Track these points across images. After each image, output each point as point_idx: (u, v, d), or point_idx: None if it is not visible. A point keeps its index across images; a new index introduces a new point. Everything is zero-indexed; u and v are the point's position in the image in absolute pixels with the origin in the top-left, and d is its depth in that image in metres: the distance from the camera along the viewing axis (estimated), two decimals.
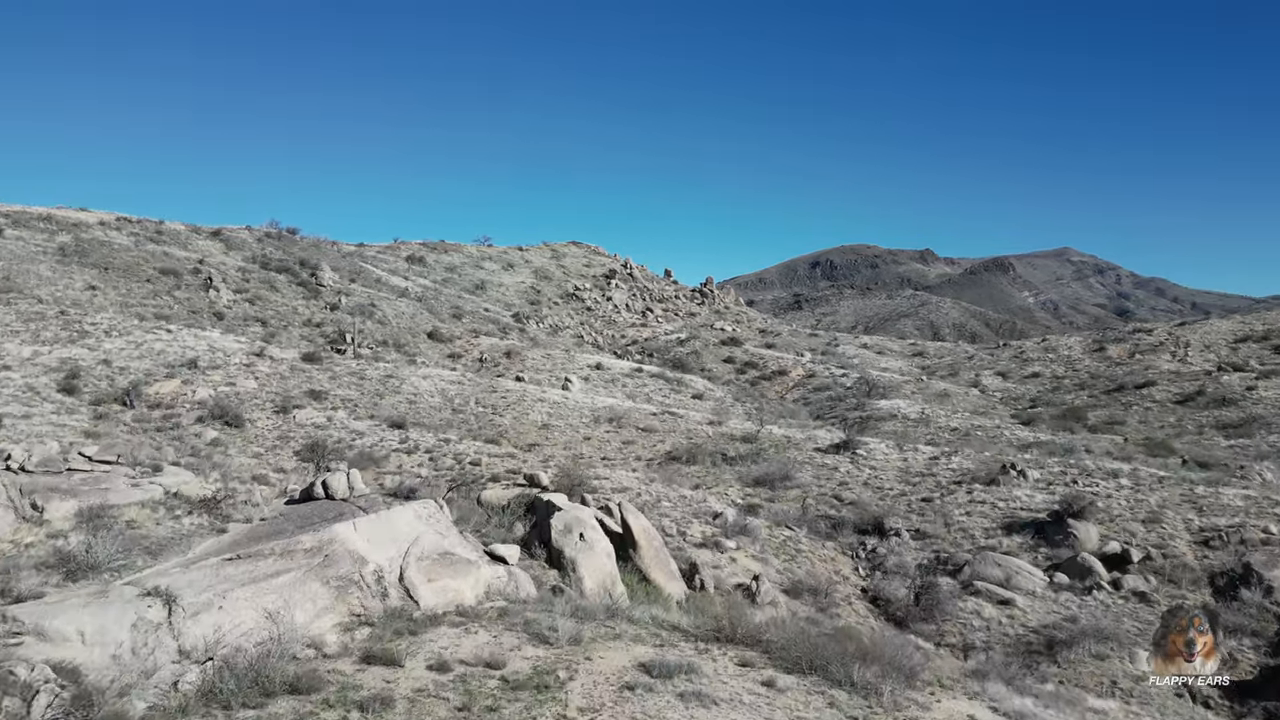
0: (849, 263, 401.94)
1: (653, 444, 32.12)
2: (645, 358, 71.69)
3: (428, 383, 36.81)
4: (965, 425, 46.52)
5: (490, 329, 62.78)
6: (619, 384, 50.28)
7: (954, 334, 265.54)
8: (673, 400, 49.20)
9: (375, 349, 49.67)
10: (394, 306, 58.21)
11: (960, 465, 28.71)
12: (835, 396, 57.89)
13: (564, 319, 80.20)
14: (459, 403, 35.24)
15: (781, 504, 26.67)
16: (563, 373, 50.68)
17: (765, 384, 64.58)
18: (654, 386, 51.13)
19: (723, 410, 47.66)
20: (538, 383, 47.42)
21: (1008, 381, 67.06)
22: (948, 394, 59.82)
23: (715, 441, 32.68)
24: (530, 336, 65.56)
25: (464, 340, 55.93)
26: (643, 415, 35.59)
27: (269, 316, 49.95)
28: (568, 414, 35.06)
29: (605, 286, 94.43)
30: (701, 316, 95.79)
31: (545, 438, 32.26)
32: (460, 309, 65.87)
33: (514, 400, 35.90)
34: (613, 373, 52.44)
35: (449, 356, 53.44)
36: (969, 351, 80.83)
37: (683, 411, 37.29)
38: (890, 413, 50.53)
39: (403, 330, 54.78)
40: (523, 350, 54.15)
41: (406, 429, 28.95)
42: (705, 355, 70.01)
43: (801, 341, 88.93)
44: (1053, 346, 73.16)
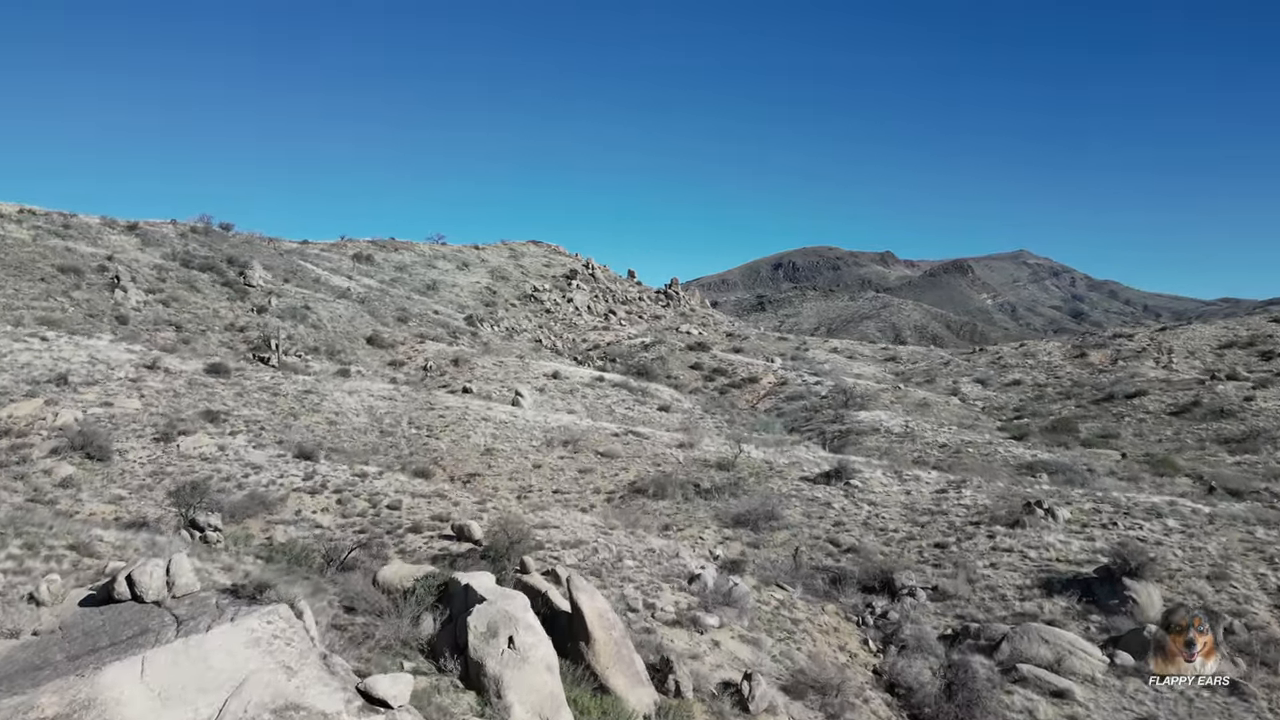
0: (811, 264, 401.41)
1: (614, 473, 27.36)
2: (608, 363, 66.92)
3: (354, 399, 31.64)
4: (954, 441, 42.48)
5: (439, 333, 57.50)
6: (578, 395, 45.41)
7: (916, 336, 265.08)
8: (637, 413, 44.48)
9: (305, 356, 44.23)
10: (331, 309, 52.69)
11: (974, 500, 24.39)
12: (811, 407, 53.66)
13: (521, 322, 75.07)
14: (389, 423, 30.13)
15: (769, 550, 22.09)
16: (516, 382, 45.70)
17: (735, 392, 60.16)
18: (616, 397, 46.36)
19: (692, 425, 43.05)
20: (487, 395, 42.40)
21: (988, 389, 63.48)
22: (928, 404, 55.93)
23: (686, 469, 28.03)
24: (483, 341, 60.39)
25: (408, 346, 50.63)
26: (603, 436, 30.81)
27: (185, 320, 44.23)
28: (516, 435, 30.14)
29: (566, 288, 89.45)
30: (667, 319, 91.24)
31: (488, 466, 27.34)
32: (407, 311, 60.46)
33: (454, 419, 30.87)
34: (571, 382, 47.57)
35: (390, 364, 48.15)
36: (944, 356, 77.33)
37: (648, 431, 32.59)
38: (872, 426, 46.36)
39: (339, 335, 49.33)
40: (472, 357, 49.01)
41: (317, 459, 23.82)
42: (671, 361, 65.41)
43: (770, 346, 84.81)
44: (1031, 352, 69.86)
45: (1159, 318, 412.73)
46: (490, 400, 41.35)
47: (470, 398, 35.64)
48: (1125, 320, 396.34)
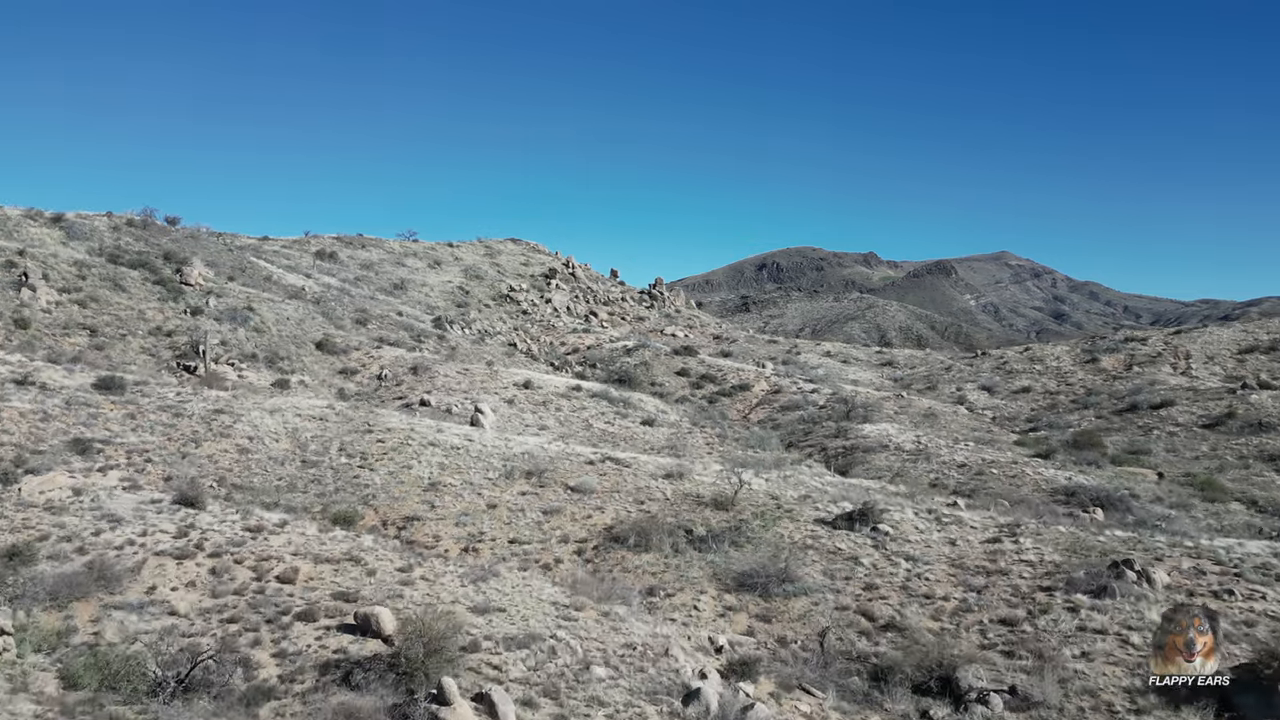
0: (795, 265, 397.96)
1: (587, 514, 22.05)
2: (587, 369, 61.61)
3: (276, 419, 26.12)
4: (974, 460, 37.48)
5: (400, 337, 51.97)
6: (551, 408, 40.06)
7: (900, 337, 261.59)
8: (618, 428, 39.19)
9: (240, 364, 38.63)
10: (278, 310, 47.03)
11: (1038, 552, 19.27)
12: (809, 418, 48.56)
13: (495, 324, 69.61)
14: (315, 450, 24.66)
15: (784, 625, 16.90)
16: (482, 393, 40.29)
17: (725, 401, 55.00)
18: (594, 410, 41.04)
19: (680, 442, 37.82)
20: (447, 408, 36.97)
21: (996, 397, 58.70)
22: (935, 414, 51.01)
23: (675, 507, 22.77)
24: (450, 345, 54.91)
25: (363, 352, 45.07)
26: (575, 465, 25.47)
27: (102, 324, 38.52)
28: (470, 465, 24.76)
29: (544, 287, 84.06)
30: (651, 321, 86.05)
31: (430, 506, 21.95)
32: (367, 313, 54.87)
33: (395, 444, 25.44)
34: (545, 392, 42.21)
35: (340, 373, 42.60)
36: (944, 361, 72.57)
37: (630, 456, 27.29)
38: (879, 441, 41.28)
39: (284, 339, 43.71)
40: (434, 365, 43.52)
41: (203, 505, 18.33)
42: (656, 367, 60.17)
43: (760, 349, 79.80)
44: (1038, 357, 65.16)
45: (1139, 319, 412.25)
46: (450, 415, 35.94)
47: (419, 416, 30.15)
48: (1106, 321, 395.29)
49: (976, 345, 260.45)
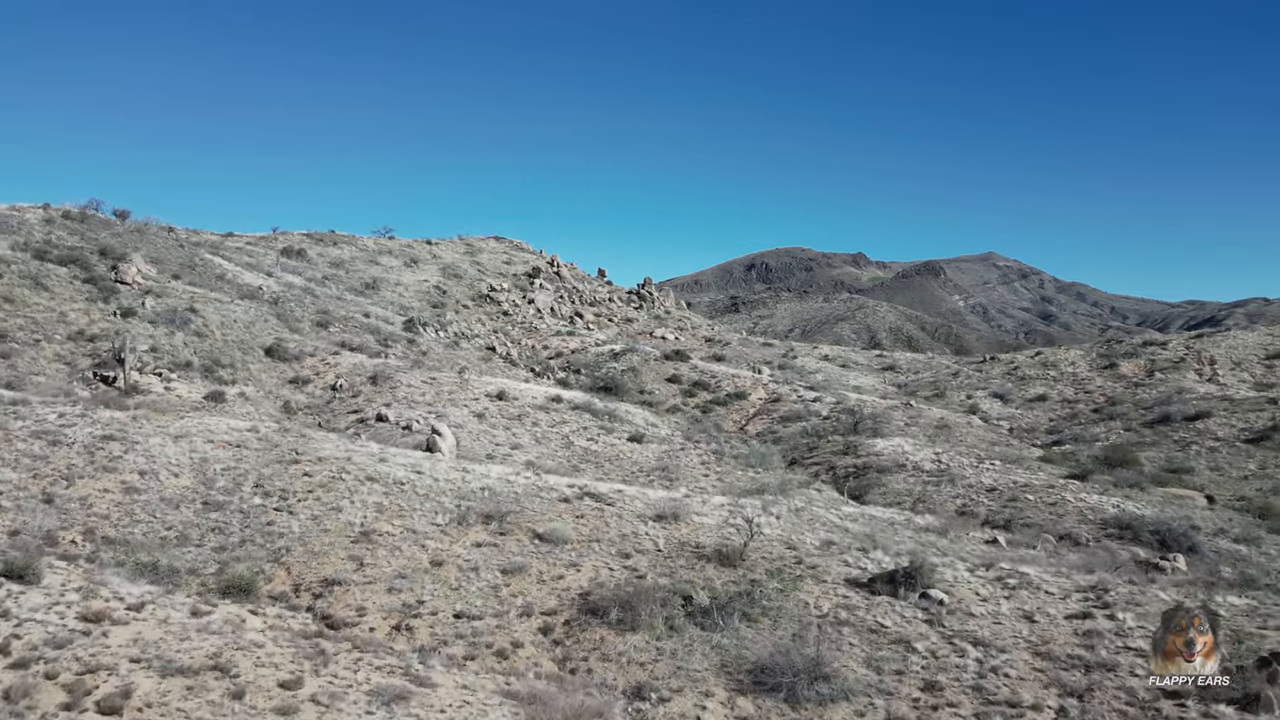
0: (784, 265, 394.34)
1: (558, 573, 17.29)
2: (571, 375, 56.82)
3: (181, 447, 21.23)
4: (1003, 482, 32.93)
5: (365, 341, 47.04)
6: (527, 423, 35.27)
7: (891, 338, 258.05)
8: (602, 446, 34.46)
9: (171, 374, 33.66)
10: (225, 312, 42.00)
11: (1145, 632, 14.66)
12: (813, 431, 43.91)
13: (473, 326, 64.72)
14: (224, 487, 19.79)
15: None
16: (450, 405, 35.49)
17: (720, 411, 50.33)
18: (576, 425, 36.29)
19: (673, 463, 33.12)
20: (407, 425, 32.13)
21: (1010, 406, 54.27)
22: (948, 425, 46.51)
23: (670, 562, 18.05)
24: (421, 350, 50.02)
25: (318, 359, 40.12)
26: (546, 503, 20.71)
27: (13, 327, 33.48)
28: (415, 505, 19.95)
29: (527, 287, 79.20)
30: (639, 323, 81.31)
31: (359, 564, 17.15)
32: (329, 315, 49.89)
33: (326, 478, 20.60)
34: (521, 404, 37.42)
35: (290, 382, 37.67)
36: (950, 366, 68.17)
37: (613, 490, 22.53)
38: (895, 459, 36.69)
39: (229, 345, 38.72)
40: (397, 373, 38.64)
41: (34, 579, 13.47)
42: (645, 373, 55.45)
43: (754, 353, 75.21)
44: (1051, 362, 60.82)
45: (1125, 319, 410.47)
46: (409, 432, 31.11)
47: (362, 441, 25.27)
48: (1093, 322, 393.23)
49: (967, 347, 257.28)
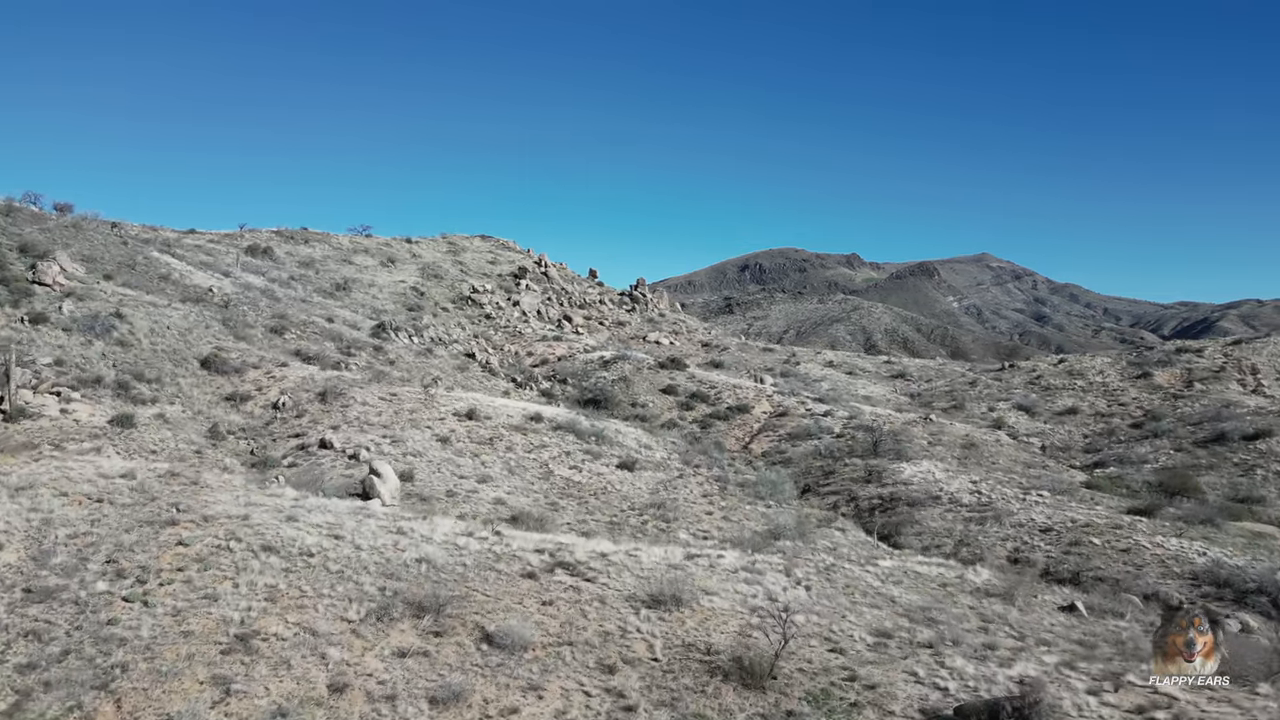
0: (778, 266, 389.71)
1: (510, 704, 11.92)
2: (557, 385, 51.46)
3: (19, 503, 15.79)
4: (1058, 520, 27.70)
5: (324, 349, 41.58)
6: (499, 449, 29.90)
7: (886, 340, 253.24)
8: (587, 475, 29.11)
9: (75, 391, 28.14)
10: (159, 317, 36.53)
11: None
12: (826, 451, 38.65)
13: (452, 330, 59.27)
14: (63, 564, 14.37)
15: None
16: (410, 428, 30.12)
17: (721, 426, 45.03)
18: (557, 449, 30.95)
19: (670, 496, 27.80)
20: (354, 454, 26.72)
21: (1038, 420, 49.15)
22: (974, 444, 41.34)
23: (671, 680, 12.71)
24: (388, 359, 44.58)
25: (263, 371, 34.67)
26: (502, 581, 15.36)
27: None
28: (323, 590, 14.55)
29: (513, 288, 73.79)
30: (632, 326, 75.98)
31: (224, 692, 11.71)
32: (286, 319, 44.40)
33: (206, 549, 15.19)
34: (494, 425, 32.07)
35: (225, 399, 32.22)
36: (966, 374, 63.00)
37: (595, 556, 17.19)
38: (926, 489, 31.45)
39: (158, 355, 33.26)
40: (352, 388, 33.23)
41: None
42: (637, 383, 50.13)
43: (754, 359, 69.96)
44: (1078, 370, 55.74)
45: (1119, 321, 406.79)
46: (355, 462, 25.72)
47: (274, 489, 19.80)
48: (1087, 323, 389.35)
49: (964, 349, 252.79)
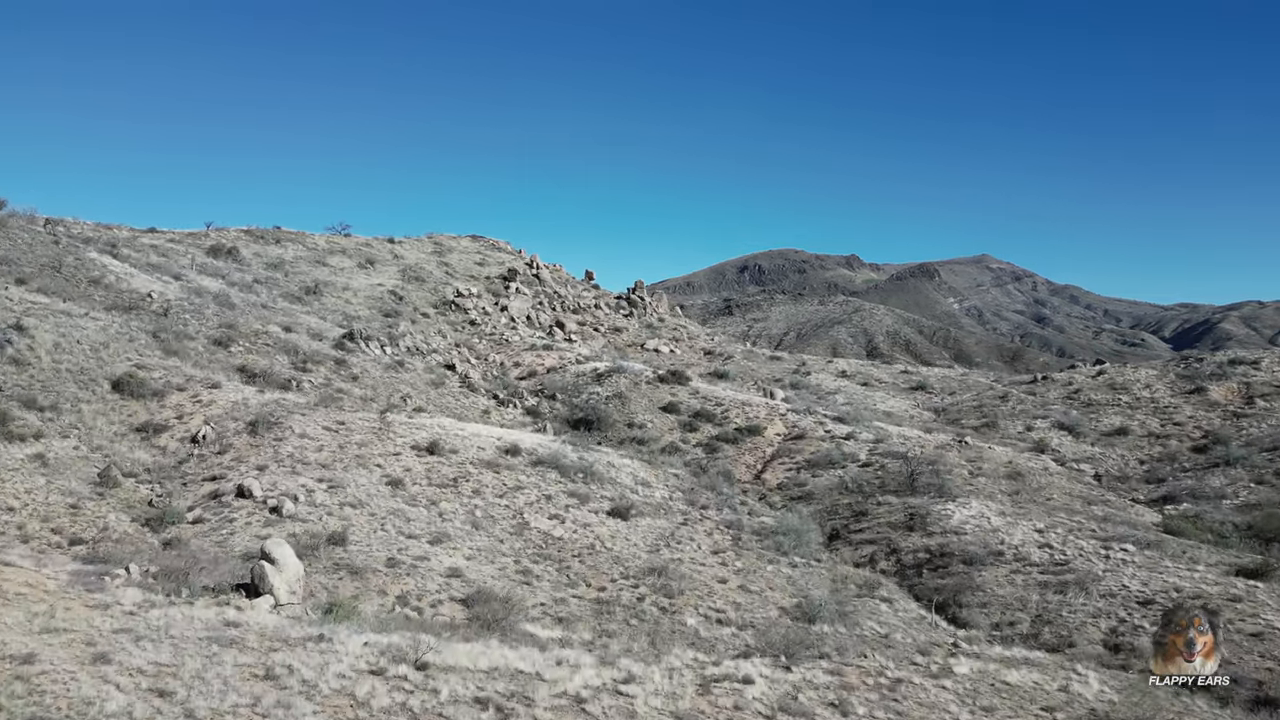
0: (777, 267, 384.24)
1: None
2: (545, 402, 45.75)
3: None
4: (1156, 586, 22.03)
5: (274, 364, 35.88)
6: (464, 493, 24.18)
7: (889, 342, 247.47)
8: (572, 528, 23.43)
9: None
10: (71, 329, 30.79)
11: None
12: (853, 484, 32.93)
13: (431, 339, 53.54)
14: None
15: None
16: (356, 468, 24.42)
17: (729, 450, 39.31)
18: (536, 491, 25.25)
19: (673, 556, 22.10)
20: (275, 505, 20.99)
21: (1083, 441, 43.47)
22: (1019, 473, 35.67)
23: None
24: (351, 374, 38.87)
25: (189, 394, 28.92)
26: None
27: None
28: None
29: (501, 292, 68.08)
30: (629, 333, 70.27)
31: None
32: (235, 329, 38.66)
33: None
34: (460, 459, 26.38)
35: (136, 430, 26.45)
36: (994, 387, 57.31)
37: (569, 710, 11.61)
38: (983, 540, 25.74)
39: (61, 376, 27.53)
40: (291, 416, 27.46)
41: None
42: (634, 400, 44.42)
43: (761, 368, 64.26)
44: (1120, 384, 50.10)
45: (1119, 322, 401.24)
46: (279, 517, 20.01)
47: (95, 602, 14.02)
48: (1088, 325, 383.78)
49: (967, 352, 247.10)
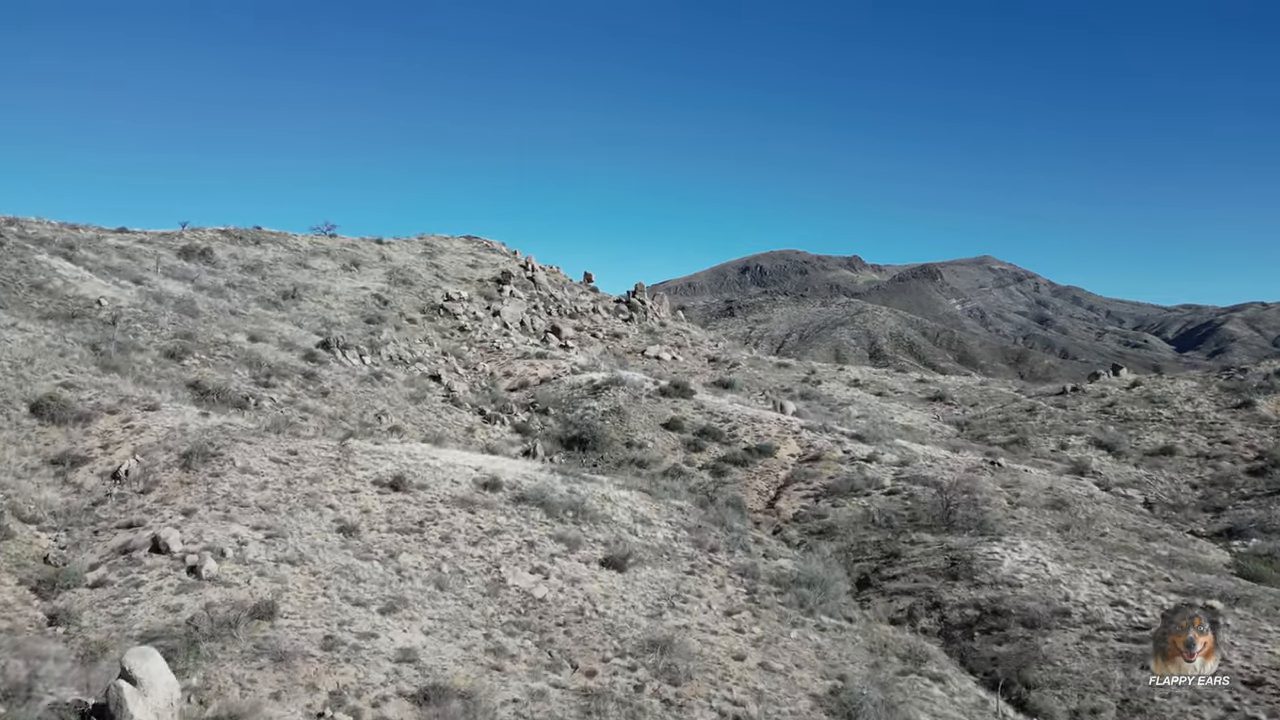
0: (778, 268, 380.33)
1: None
2: (536, 417, 41.83)
3: None
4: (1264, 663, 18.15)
5: (232, 379, 31.98)
6: (430, 540, 20.28)
7: (892, 344, 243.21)
8: (557, 584, 19.51)
9: None
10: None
11: None
12: (882, 519, 28.96)
13: (416, 346, 49.66)
14: None
15: None
16: (303, 510, 20.54)
17: (737, 474, 35.35)
18: (516, 538, 21.33)
19: (679, 629, 18.16)
20: (193, 565, 17.09)
21: (1125, 462, 39.48)
22: (1063, 502, 31.70)
23: None
24: (321, 388, 34.97)
25: (121, 416, 24.98)
26: None
27: None
28: None
29: (494, 295, 64.17)
30: (629, 339, 66.35)
31: None
32: (193, 339, 34.76)
33: None
34: (429, 496, 22.48)
35: (53, 462, 22.46)
36: (1018, 398, 53.31)
37: None
38: (1043, 596, 21.76)
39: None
40: (233, 446, 23.51)
41: None
42: (633, 416, 40.49)
43: (769, 376, 60.30)
44: (1157, 396, 46.10)
45: (1122, 324, 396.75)
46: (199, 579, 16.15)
47: None
48: (1090, 326, 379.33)
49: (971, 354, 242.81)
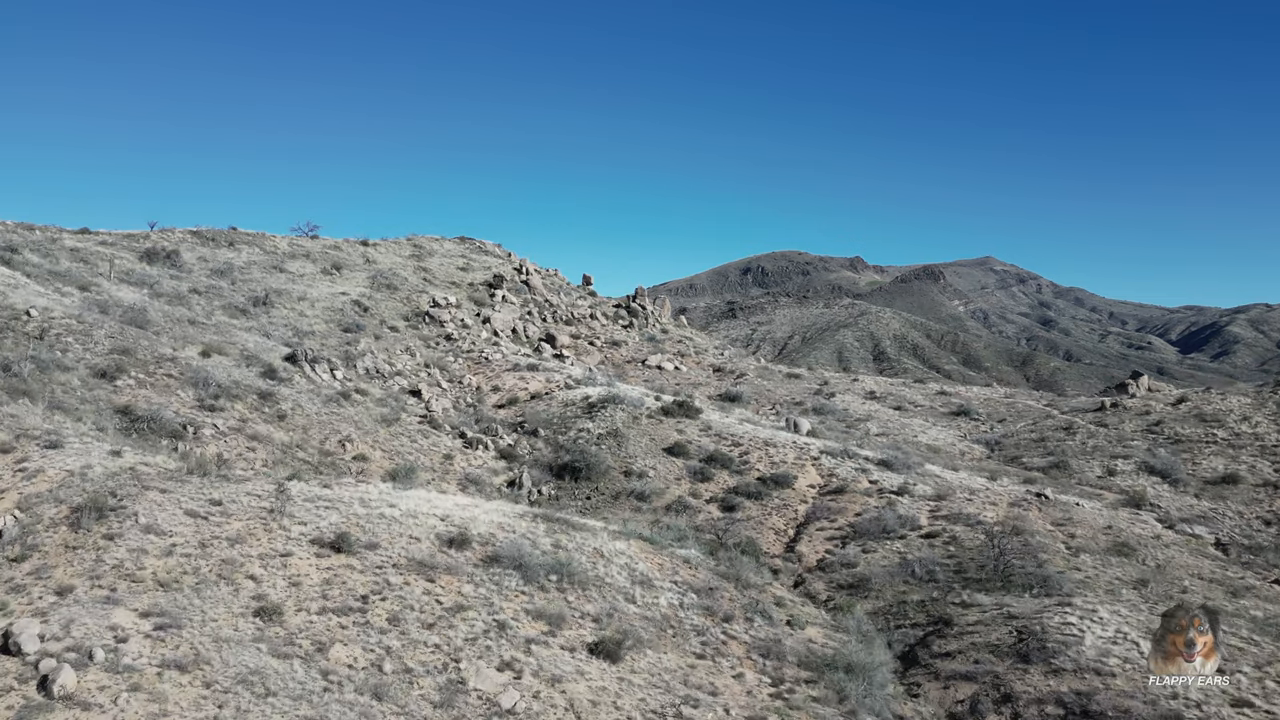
0: (780, 269, 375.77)
1: None
2: (524, 440, 37.38)
3: None
4: None
5: (169, 403, 27.54)
6: (369, 632, 15.80)
7: (895, 346, 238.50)
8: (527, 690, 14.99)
9: None
10: None
11: None
12: (925, 574, 24.50)
13: (396, 358, 45.21)
14: None
15: None
16: (215, 582, 16.12)
17: (750, 508, 30.87)
18: (484, 618, 16.86)
19: None
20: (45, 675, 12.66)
21: (1184, 493, 34.96)
22: (1128, 546, 27.22)
23: None
24: (278, 410, 30.54)
25: (13, 457, 20.52)
26: None
27: None
28: None
29: (486, 300, 59.75)
30: (629, 347, 61.87)
31: None
32: (130, 355, 30.34)
33: None
34: (376, 563, 18.03)
35: None
36: (1051, 413, 48.79)
37: None
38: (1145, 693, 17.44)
39: None
40: (139, 497, 19.06)
41: None
42: (633, 439, 36.03)
43: (779, 388, 55.79)
44: (1209, 414, 41.58)
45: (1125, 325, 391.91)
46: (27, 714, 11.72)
47: None
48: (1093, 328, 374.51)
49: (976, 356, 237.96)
